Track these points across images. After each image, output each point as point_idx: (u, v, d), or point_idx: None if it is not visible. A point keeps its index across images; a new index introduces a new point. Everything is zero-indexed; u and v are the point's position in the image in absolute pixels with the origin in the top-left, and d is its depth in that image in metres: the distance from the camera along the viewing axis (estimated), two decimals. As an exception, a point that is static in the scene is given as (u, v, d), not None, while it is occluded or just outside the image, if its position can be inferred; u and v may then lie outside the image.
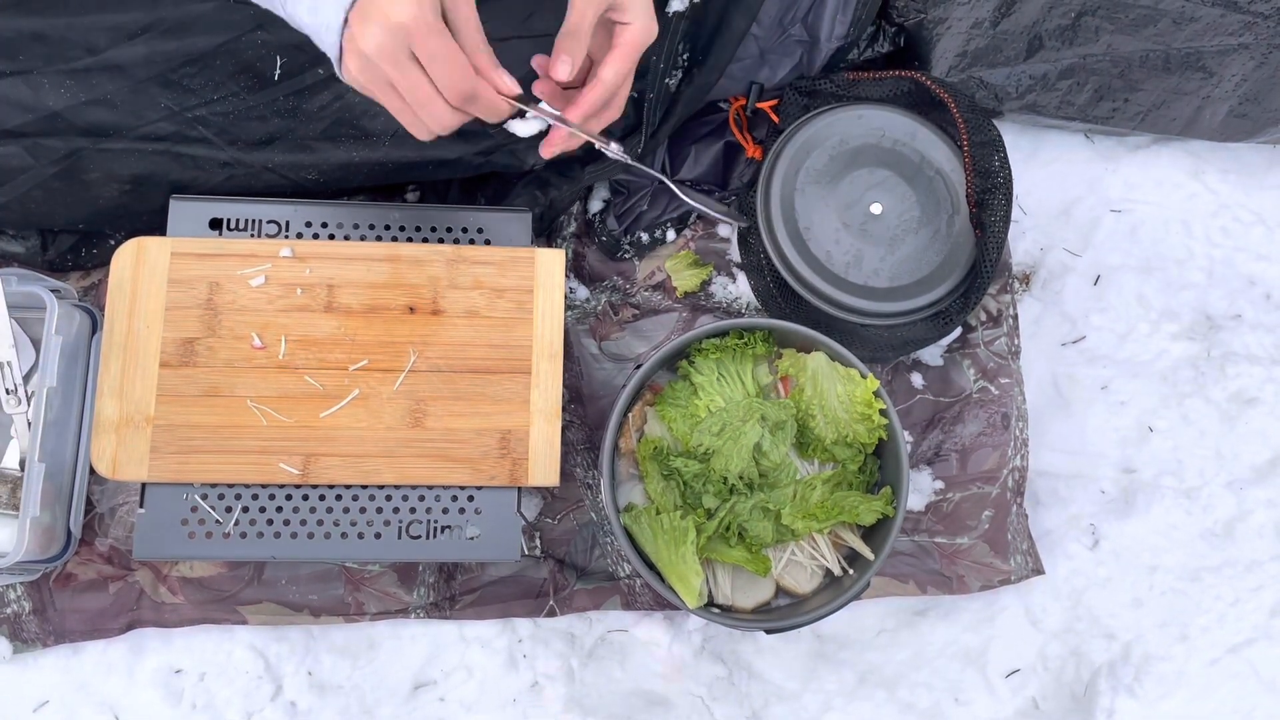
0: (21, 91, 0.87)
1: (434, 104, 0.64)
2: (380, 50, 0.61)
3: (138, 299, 0.88)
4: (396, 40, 0.60)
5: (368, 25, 0.60)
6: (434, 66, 0.62)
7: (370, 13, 0.60)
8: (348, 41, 0.62)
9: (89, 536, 0.93)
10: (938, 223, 0.95)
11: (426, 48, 0.61)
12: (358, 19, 0.61)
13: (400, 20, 0.59)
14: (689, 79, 0.93)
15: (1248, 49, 1.01)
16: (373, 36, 0.60)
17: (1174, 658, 0.99)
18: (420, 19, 0.60)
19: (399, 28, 0.60)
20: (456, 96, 0.64)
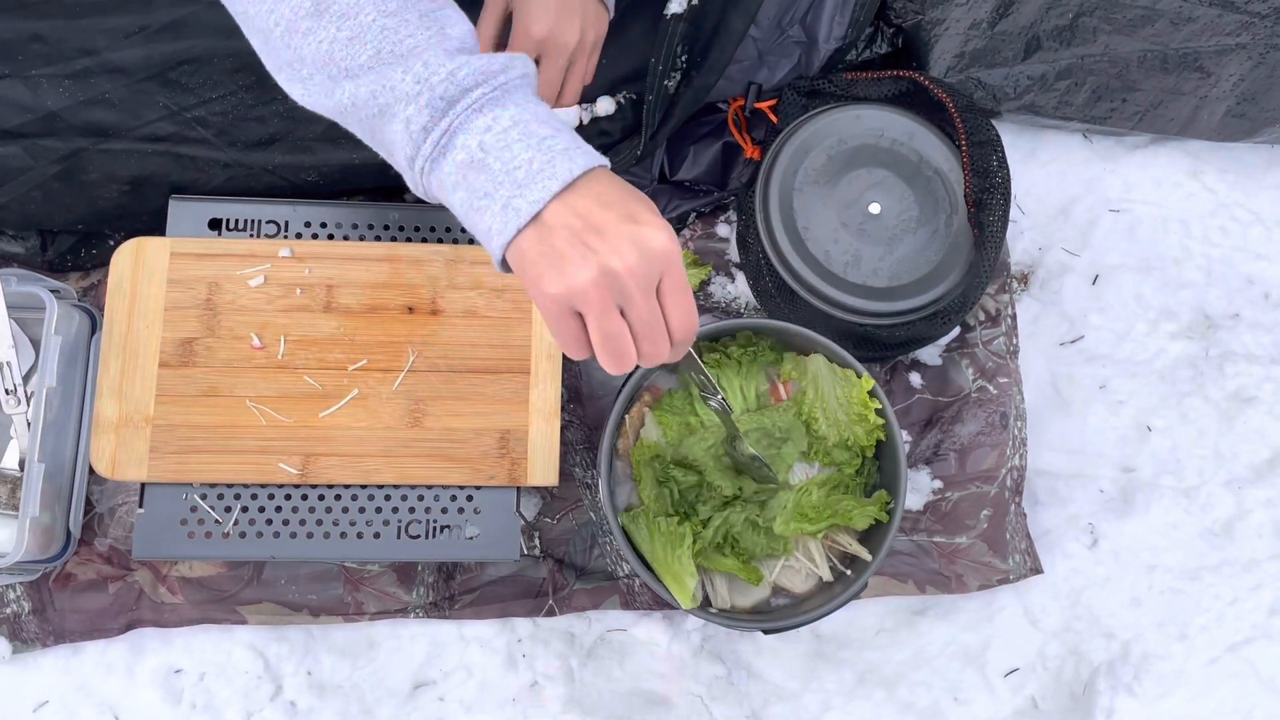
0: (20, 92, 0.87)
1: (661, 338, 0.56)
2: (632, 271, 0.53)
3: (137, 299, 0.88)
4: (653, 264, 0.54)
5: (619, 243, 0.53)
6: (676, 300, 0.56)
7: (620, 231, 0.53)
8: (574, 249, 0.53)
9: (88, 536, 0.93)
10: (936, 222, 0.95)
11: (676, 276, 0.55)
12: (596, 237, 0.53)
13: (660, 246, 0.54)
14: (687, 81, 0.93)
15: (1245, 49, 1.02)
16: (628, 256, 0.53)
17: (1173, 657, 0.99)
18: (677, 251, 0.55)
19: (659, 253, 0.54)
20: (683, 330, 0.57)
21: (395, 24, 0.55)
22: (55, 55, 0.87)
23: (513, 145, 0.54)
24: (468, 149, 0.54)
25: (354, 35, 0.55)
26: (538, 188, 0.54)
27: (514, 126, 0.54)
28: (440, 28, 0.56)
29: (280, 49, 0.58)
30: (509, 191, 0.54)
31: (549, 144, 0.54)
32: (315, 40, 0.56)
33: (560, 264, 0.54)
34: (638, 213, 0.54)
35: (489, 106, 0.55)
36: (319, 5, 0.56)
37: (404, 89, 0.55)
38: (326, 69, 0.56)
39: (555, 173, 0.54)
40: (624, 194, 0.55)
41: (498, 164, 0.54)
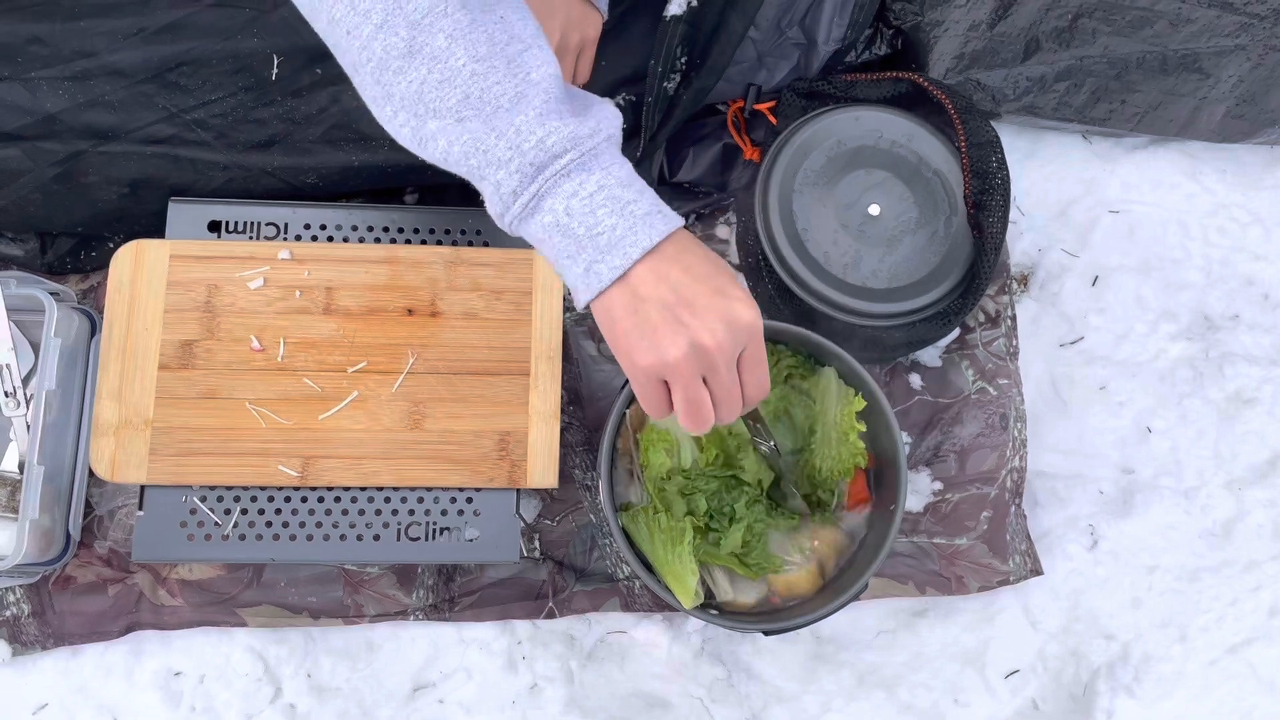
0: (19, 94, 0.87)
1: (735, 402, 0.61)
2: (720, 346, 0.57)
3: (136, 301, 0.88)
4: (739, 340, 0.58)
5: (709, 319, 0.57)
6: (755, 369, 0.61)
7: (711, 306, 0.57)
8: (666, 324, 0.57)
9: (88, 539, 0.93)
10: (936, 224, 0.95)
11: (757, 348, 0.60)
12: (687, 311, 0.57)
13: (748, 321, 0.58)
14: (686, 83, 0.93)
15: (1244, 50, 1.02)
16: (717, 332, 0.57)
17: (1173, 658, 0.99)
18: (760, 324, 0.59)
19: (746, 328, 0.58)
20: (757, 396, 0.62)
21: (484, 70, 0.56)
22: (54, 57, 0.87)
23: (597, 210, 0.56)
24: (554, 212, 0.57)
25: (444, 79, 0.56)
26: (619, 254, 0.56)
27: (599, 191, 0.57)
28: (526, 74, 0.57)
29: (369, 84, 0.59)
30: (591, 256, 0.57)
31: (631, 209, 0.57)
32: (406, 80, 0.57)
33: (653, 337, 0.57)
34: (726, 287, 0.57)
35: (576, 172, 0.57)
36: (412, 45, 0.56)
37: (497, 154, 0.56)
38: (414, 108, 0.57)
39: (637, 240, 0.56)
40: (711, 266, 0.58)
41: (581, 229, 0.57)
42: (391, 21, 0.56)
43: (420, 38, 0.56)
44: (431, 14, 0.56)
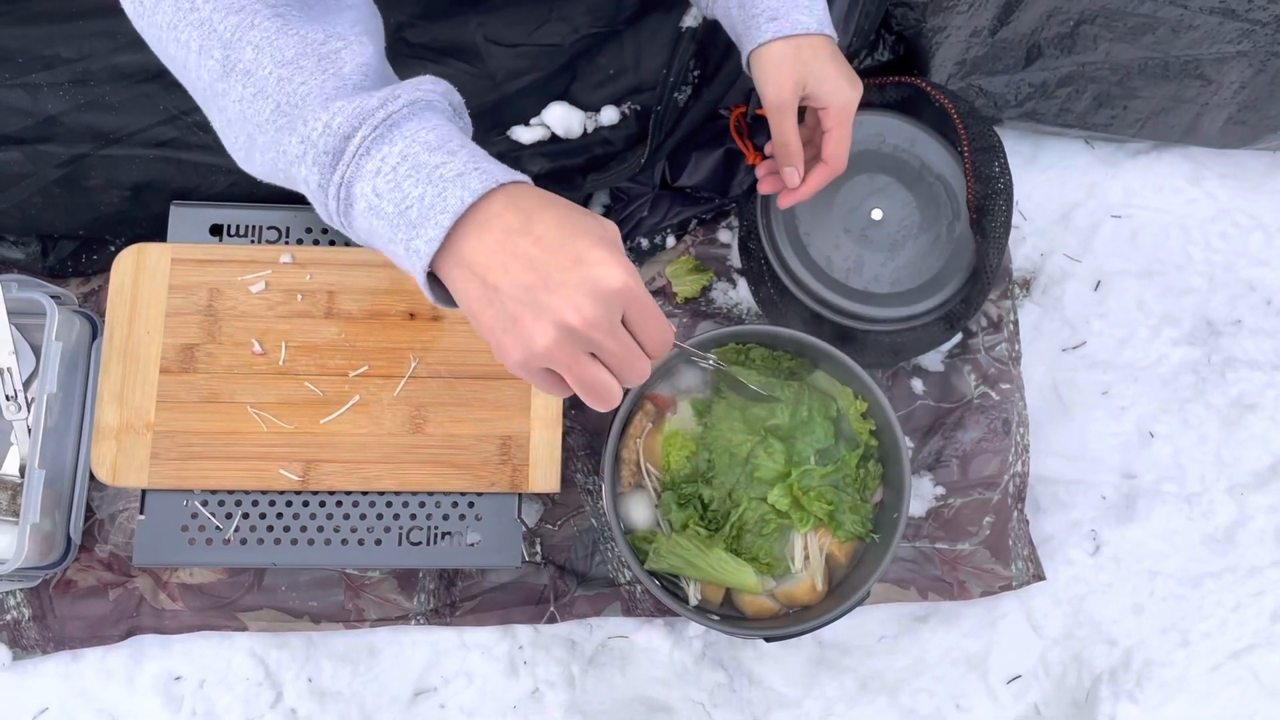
0: (19, 97, 0.87)
1: (639, 362, 0.54)
2: (591, 322, 0.50)
3: (138, 305, 0.88)
4: (612, 308, 0.51)
5: (571, 295, 0.49)
6: (645, 324, 0.53)
7: (569, 280, 0.49)
8: (526, 310, 0.50)
9: (89, 543, 0.93)
10: (938, 228, 0.95)
11: (640, 307, 0.52)
12: (545, 292, 0.50)
13: (615, 286, 0.50)
14: (697, 95, 0.94)
15: (1246, 56, 1.02)
16: (583, 307, 0.49)
17: (1175, 663, 0.99)
18: (634, 279, 0.51)
19: (615, 294, 0.50)
20: (661, 348, 0.55)
21: (290, 73, 0.52)
22: (54, 59, 0.87)
23: (403, 183, 0.50)
24: (365, 197, 0.51)
25: (257, 91, 0.53)
26: (431, 225, 0.50)
27: (403, 162, 0.51)
28: (338, 69, 0.53)
29: (212, 113, 0.56)
30: (406, 235, 0.51)
31: (440, 173, 0.50)
32: (230, 101, 0.54)
33: (515, 329, 0.51)
34: (584, 252, 0.50)
35: (375, 147, 0.51)
36: (226, 65, 0.53)
37: (293, 152, 0.52)
38: (243, 127, 0.54)
39: (446, 204, 0.50)
40: (563, 229, 0.50)
41: (391, 208, 0.51)
42: (207, 45, 0.53)
43: (232, 55, 0.53)
44: (240, 28, 0.53)
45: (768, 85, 0.77)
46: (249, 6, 0.53)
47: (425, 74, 0.55)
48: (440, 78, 0.56)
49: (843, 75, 0.78)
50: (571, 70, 0.94)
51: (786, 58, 0.76)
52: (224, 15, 0.53)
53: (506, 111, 0.93)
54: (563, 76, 0.94)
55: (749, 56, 0.78)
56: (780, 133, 0.79)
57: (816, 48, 0.76)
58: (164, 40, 0.55)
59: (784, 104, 0.77)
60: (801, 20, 0.76)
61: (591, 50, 0.94)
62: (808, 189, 0.83)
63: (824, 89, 0.77)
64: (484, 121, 0.91)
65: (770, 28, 0.76)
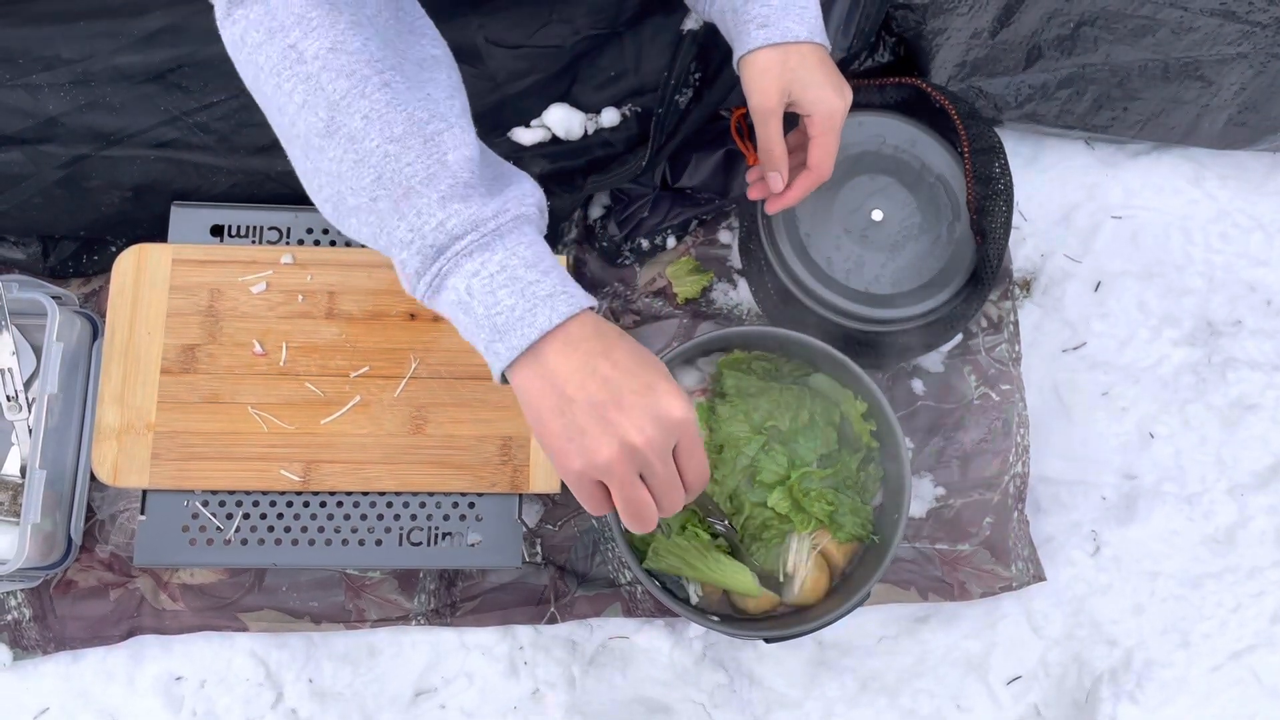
0: (20, 98, 0.87)
1: (678, 492, 0.59)
2: (651, 444, 0.56)
3: (139, 306, 0.88)
4: (670, 435, 0.57)
5: (638, 417, 0.55)
6: (691, 459, 0.59)
7: (639, 405, 0.56)
8: (595, 425, 0.56)
9: (89, 543, 0.93)
10: (939, 229, 0.95)
11: (691, 440, 0.58)
12: (615, 410, 0.56)
13: (678, 417, 0.56)
14: (698, 98, 0.94)
15: (1246, 58, 1.02)
16: (647, 429, 0.55)
17: (1175, 664, 0.99)
18: (692, 417, 0.57)
19: (676, 423, 0.57)
20: (697, 483, 0.61)
21: (398, 151, 0.56)
22: (55, 60, 0.87)
23: (497, 291, 0.56)
24: (456, 291, 0.56)
25: (359, 159, 0.56)
26: (515, 335, 0.55)
27: (501, 272, 0.56)
28: (441, 155, 0.56)
29: (298, 158, 0.60)
30: (489, 336, 0.56)
31: (533, 290, 0.56)
32: (327, 158, 0.57)
33: (582, 440, 0.56)
34: (655, 382, 0.56)
35: (477, 252, 0.56)
36: (330, 126, 0.56)
37: (399, 236, 0.56)
38: (336, 185, 0.58)
39: (535, 320, 0.55)
40: (637, 359, 0.57)
41: (481, 309, 0.56)
42: (312, 102, 0.56)
43: (339, 118, 0.56)
44: (350, 95, 0.56)
45: (754, 91, 0.78)
46: (359, 72, 0.56)
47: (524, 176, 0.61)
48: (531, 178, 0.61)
49: (829, 84, 0.78)
50: (572, 72, 0.94)
51: (773, 64, 0.77)
52: (333, 77, 0.56)
53: (507, 113, 0.93)
54: (564, 78, 0.94)
55: (738, 61, 0.79)
56: (765, 138, 0.80)
57: (805, 55, 0.77)
58: (262, 81, 0.58)
59: (769, 110, 0.78)
60: (791, 28, 0.76)
61: (592, 52, 0.94)
62: (793, 195, 0.84)
63: (810, 96, 0.78)
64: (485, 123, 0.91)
65: (760, 34, 0.76)
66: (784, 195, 0.84)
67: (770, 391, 0.88)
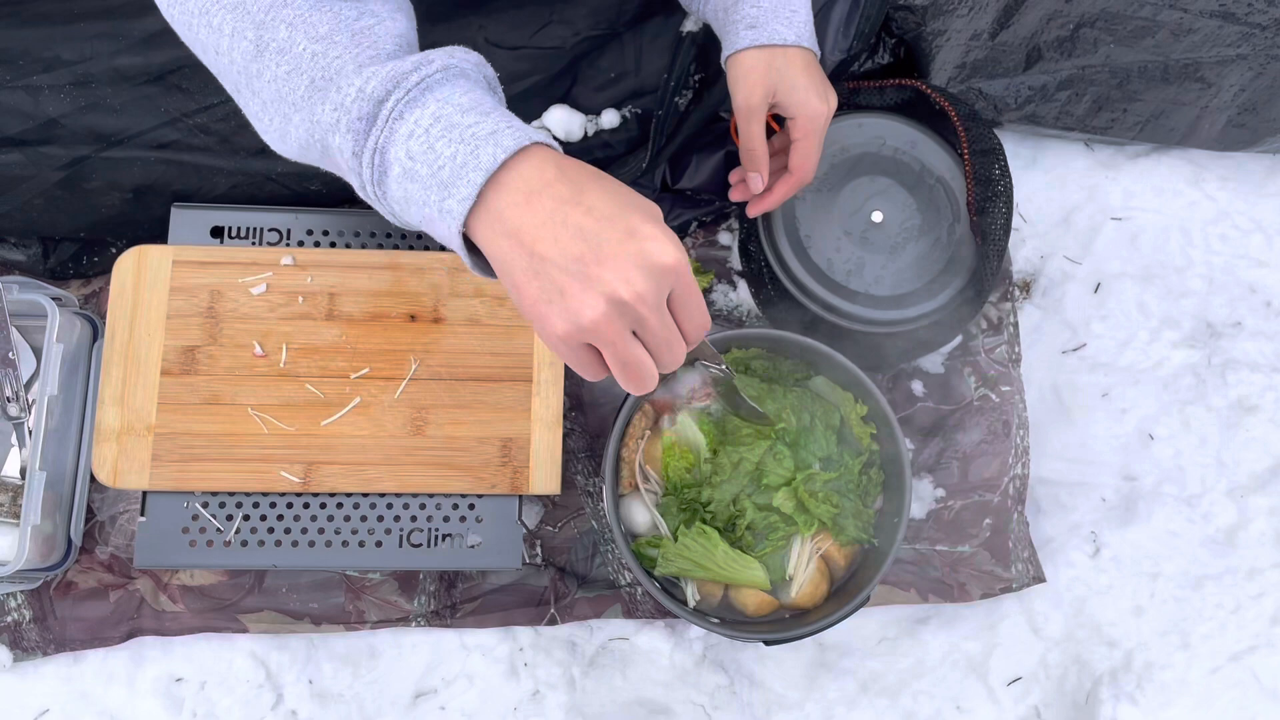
0: (21, 99, 0.87)
1: (677, 345, 0.53)
2: (641, 297, 0.49)
3: (139, 307, 0.88)
4: (662, 284, 0.50)
5: (623, 267, 0.49)
6: (688, 307, 0.53)
7: (622, 253, 0.49)
8: (575, 281, 0.49)
9: (89, 545, 0.93)
10: (938, 231, 0.95)
11: (685, 287, 0.52)
12: (596, 264, 0.49)
13: (668, 262, 0.49)
14: (698, 99, 0.94)
15: (1245, 60, 1.02)
16: (635, 281, 0.49)
17: (1175, 665, 0.99)
18: (684, 258, 0.51)
19: (667, 270, 0.50)
20: (698, 333, 0.54)
21: (324, 48, 0.52)
22: (55, 61, 0.87)
23: (435, 144, 0.50)
24: (399, 161, 0.51)
25: (291, 68, 0.53)
26: (463, 183, 0.49)
27: (435, 123, 0.50)
28: (372, 41, 0.53)
29: (245, 98, 0.57)
30: (439, 195, 0.50)
31: (472, 131, 0.49)
32: (265, 81, 0.54)
33: (563, 301, 0.49)
34: (637, 226, 0.49)
35: (408, 110, 0.50)
36: (260, 44, 0.53)
37: (327, 120, 0.52)
38: (278, 107, 0.54)
39: (479, 161, 0.49)
40: (615, 201, 0.50)
41: (425, 170, 0.50)
42: (240, 26, 0.54)
43: (265, 35, 0.53)
44: (273, 8, 0.53)
45: (738, 91, 0.79)
46: None
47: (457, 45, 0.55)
48: None
49: (814, 88, 0.78)
50: (572, 73, 0.94)
51: (758, 65, 0.77)
52: None
53: (507, 114, 0.93)
54: (564, 79, 0.94)
55: (726, 60, 0.79)
56: (747, 137, 0.81)
57: (791, 58, 0.77)
58: (195, 26, 0.56)
59: (752, 110, 0.79)
60: (779, 31, 0.77)
61: (592, 53, 0.94)
62: (774, 198, 0.84)
63: (794, 99, 0.78)
64: (485, 124, 0.91)
65: (748, 35, 0.77)
66: (765, 197, 0.85)
67: (775, 394, 0.88)
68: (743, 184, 0.86)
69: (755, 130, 0.80)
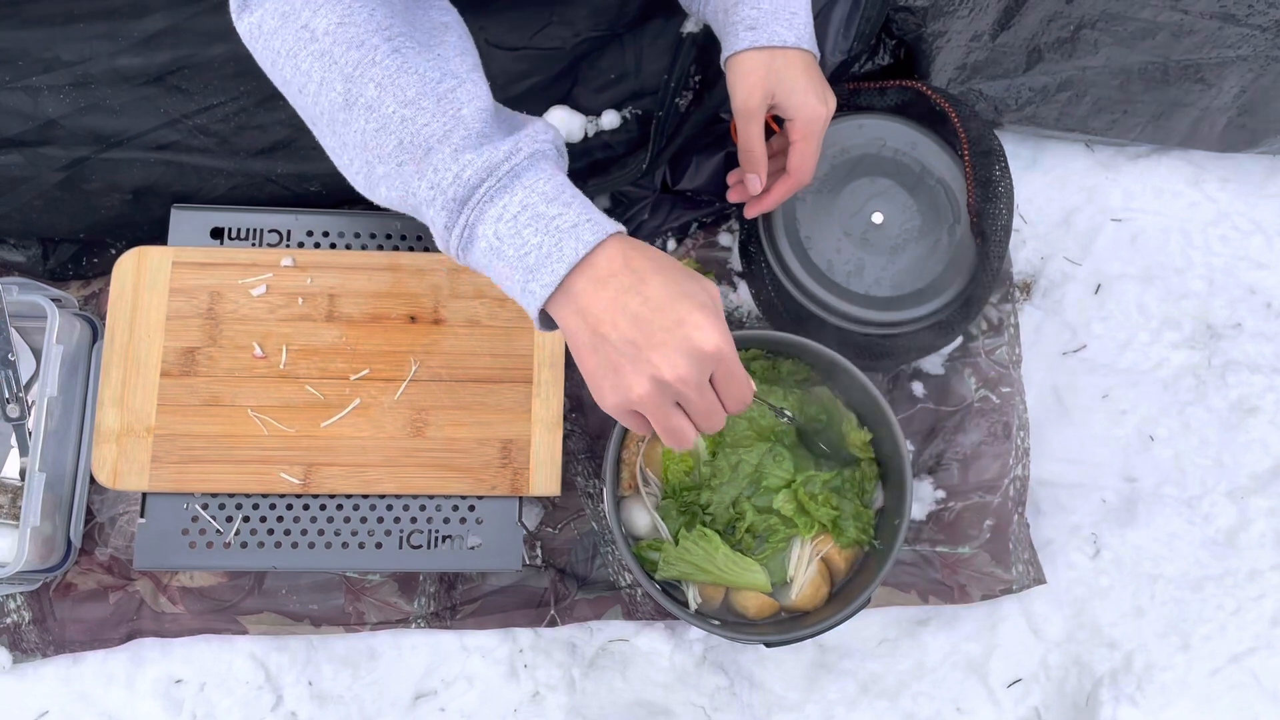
0: (20, 100, 0.87)
1: (718, 416, 0.60)
2: (683, 379, 0.56)
3: (139, 308, 0.88)
4: (704, 368, 0.57)
5: (670, 354, 0.56)
6: (729, 385, 0.59)
7: (670, 341, 0.56)
8: (628, 362, 0.57)
9: (89, 546, 0.93)
10: (939, 232, 0.95)
11: (726, 370, 0.58)
12: (647, 348, 0.56)
13: (709, 350, 0.56)
14: (699, 101, 0.94)
15: (1245, 61, 1.02)
16: (678, 365, 0.56)
17: (1176, 667, 0.99)
18: (726, 344, 0.57)
19: (708, 356, 0.56)
20: (738, 407, 0.61)
21: (413, 113, 0.57)
22: (54, 62, 0.87)
23: (522, 231, 0.56)
24: (486, 239, 0.57)
25: (380, 126, 0.58)
26: (546, 271, 0.56)
27: (523, 211, 0.57)
28: (455, 110, 0.57)
29: (326, 135, 0.61)
30: (523, 278, 0.57)
31: (556, 223, 0.56)
32: (352, 131, 0.59)
33: (615, 376, 0.57)
34: (686, 315, 0.56)
35: (498, 196, 0.57)
36: (348, 98, 0.58)
37: (422, 195, 0.58)
38: (364, 156, 0.59)
39: (562, 254, 0.56)
40: (669, 292, 0.56)
41: (511, 251, 0.57)
42: (329, 77, 0.58)
43: (354, 89, 0.58)
44: (362, 64, 0.57)
45: (737, 91, 0.79)
46: (368, 42, 0.58)
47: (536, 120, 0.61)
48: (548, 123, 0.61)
49: (813, 90, 0.79)
50: (573, 74, 0.94)
51: (758, 66, 0.77)
52: (344, 50, 0.58)
53: (508, 115, 0.93)
54: (564, 80, 0.94)
55: (725, 61, 0.79)
56: (745, 139, 0.81)
57: (790, 60, 0.78)
58: (280, 65, 0.60)
59: (751, 111, 0.79)
60: (779, 33, 0.77)
61: (593, 54, 0.94)
62: (771, 199, 0.85)
63: (792, 101, 0.79)
64: (485, 125, 0.91)
65: (747, 36, 0.77)
66: (762, 199, 0.85)
67: (774, 396, 0.88)
68: (741, 185, 0.86)
69: (753, 131, 0.81)
